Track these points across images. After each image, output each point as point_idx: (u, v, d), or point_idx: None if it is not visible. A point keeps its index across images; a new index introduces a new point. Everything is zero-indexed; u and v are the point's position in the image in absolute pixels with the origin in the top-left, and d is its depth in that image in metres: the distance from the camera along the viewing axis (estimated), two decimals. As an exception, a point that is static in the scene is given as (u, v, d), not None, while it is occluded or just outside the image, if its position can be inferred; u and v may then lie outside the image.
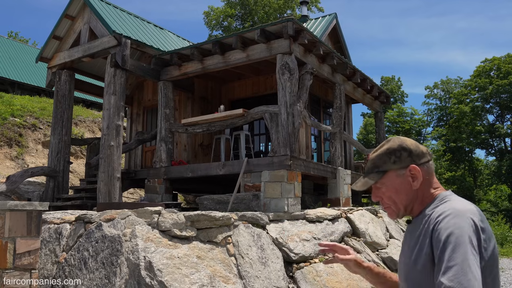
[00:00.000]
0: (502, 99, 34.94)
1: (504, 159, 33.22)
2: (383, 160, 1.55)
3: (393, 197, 1.54)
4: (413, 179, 1.52)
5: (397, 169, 1.53)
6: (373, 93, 11.45)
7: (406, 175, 1.52)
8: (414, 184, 1.51)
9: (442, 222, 1.34)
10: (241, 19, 36.38)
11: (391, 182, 1.53)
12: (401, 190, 1.53)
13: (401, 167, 1.53)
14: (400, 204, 1.54)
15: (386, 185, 1.54)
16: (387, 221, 9.46)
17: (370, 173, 1.56)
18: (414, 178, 1.52)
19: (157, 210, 5.13)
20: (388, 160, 1.54)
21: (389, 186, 1.54)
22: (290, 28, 7.31)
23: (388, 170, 1.53)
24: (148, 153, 10.58)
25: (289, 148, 7.25)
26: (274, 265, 5.98)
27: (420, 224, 1.47)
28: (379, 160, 1.56)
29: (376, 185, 1.56)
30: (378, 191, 1.57)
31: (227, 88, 11.17)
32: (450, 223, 1.32)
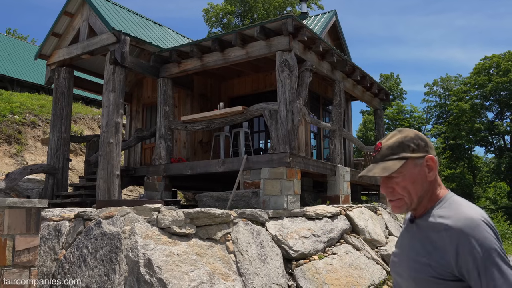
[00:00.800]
0: (502, 96, 34.95)
1: (503, 157, 33.25)
2: (401, 147, 1.50)
3: (409, 187, 1.48)
4: (429, 170, 1.49)
5: (415, 158, 1.49)
6: (372, 90, 11.44)
7: (423, 165, 1.49)
8: (430, 175, 1.49)
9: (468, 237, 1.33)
10: (241, 16, 36.31)
11: (409, 171, 1.48)
12: (417, 180, 1.48)
13: (419, 157, 1.49)
14: (414, 195, 1.48)
15: (403, 174, 1.48)
16: (387, 219, 9.47)
17: (389, 159, 1.49)
18: (430, 169, 1.49)
19: (156, 207, 5.13)
20: (407, 148, 1.49)
21: (406, 175, 1.48)
22: (290, 25, 7.29)
23: (408, 158, 1.48)
24: (148, 150, 10.57)
25: (288, 145, 7.25)
26: (274, 262, 5.98)
27: (428, 225, 1.45)
28: (397, 147, 1.50)
29: (392, 174, 1.48)
30: (391, 181, 1.50)
31: (227, 85, 11.15)
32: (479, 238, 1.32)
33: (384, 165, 1.49)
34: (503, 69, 34.35)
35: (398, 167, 1.47)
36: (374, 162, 1.54)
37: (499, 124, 34.13)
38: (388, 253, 7.98)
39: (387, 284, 7.16)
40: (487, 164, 40.06)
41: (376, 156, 1.53)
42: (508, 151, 33.72)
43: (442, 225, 1.39)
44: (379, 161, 1.51)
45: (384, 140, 1.55)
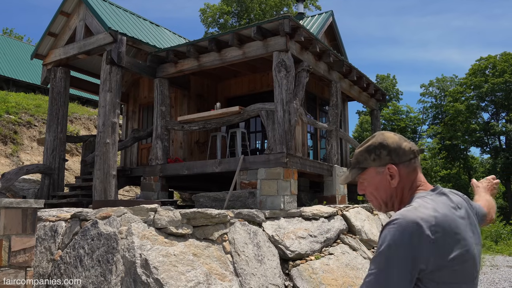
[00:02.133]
0: (497, 97, 35.08)
1: (499, 157, 33.36)
2: (364, 156, 1.57)
3: (374, 193, 1.57)
4: (391, 178, 1.52)
5: (377, 166, 1.54)
6: (369, 91, 11.46)
7: (385, 173, 1.53)
8: (392, 182, 1.52)
9: (383, 230, 1.34)
10: (237, 16, 36.29)
11: (371, 178, 1.56)
12: (380, 186, 1.54)
13: (380, 165, 1.53)
14: (380, 200, 1.56)
15: (367, 180, 1.57)
16: (383, 219, 9.49)
17: (353, 168, 1.60)
18: (392, 177, 1.52)
19: (153, 207, 5.12)
20: (368, 157, 1.55)
21: (370, 182, 1.56)
22: (287, 26, 7.30)
23: (368, 167, 1.55)
24: (144, 150, 10.55)
25: (285, 145, 7.25)
26: (270, 262, 5.98)
27: None
28: (360, 156, 1.58)
29: (359, 180, 1.59)
30: (362, 185, 1.60)
31: (223, 86, 11.15)
32: (386, 232, 1.31)
33: (347, 174, 1.62)
34: (499, 70, 34.48)
35: (356, 176, 1.58)
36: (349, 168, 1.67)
37: (494, 125, 34.26)
38: (385, 253, 7.98)
39: (383, 284, 7.17)
40: (483, 164, 40.21)
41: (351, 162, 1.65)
42: (503, 152, 33.85)
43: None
44: (349, 168, 1.65)
45: (359, 146, 1.63)
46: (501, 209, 33.16)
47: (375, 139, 1.57)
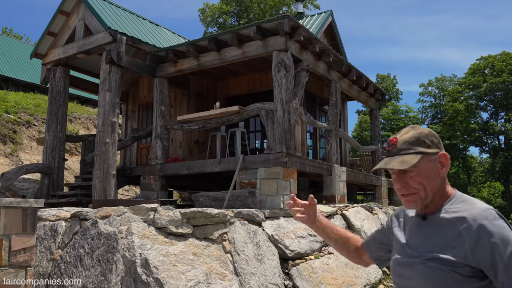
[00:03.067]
0: (496, 96, 35.13)
1: (498, 157, 33.42)
2: (418, 142, 1.51)
3: (424, 183, 1.49)
4: (442, 166, 1.52)
5: (430, 154, 1.51)
6: (368, 91, 11.47)
7: (437, 161, 1.51)
8: (443, 171, 1.52)
9: (487, 228, 1.36)
10: (237, 16, 36.27)
11: (424, 166, 1.49)
12: (432, 175, 1.50)
13: (433, 152, 1.51)
14: (429, 191, 1.49)
15: (419, 169, 1.49)
16: (382, 218, 9.50)
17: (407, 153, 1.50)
18: (442, 165, 1.52)
19: (153, 207, 5.12)
20: (423, 144, 1.51)
21: (422, 170, 1.49)
22: (286, 25, 7.30)
23: (424, 153, 1.50)
24: (144, 150, 10.55)
25: (285, 145, 7.26)
26: (270, 262, 5.99)
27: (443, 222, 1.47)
28: (414, 142, 1.51)
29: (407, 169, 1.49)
30: (405, 175, 1.50)
31: (223, 85, 11.15)
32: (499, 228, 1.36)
33: (401, 159, 1.49)
34: (497, 70, 34.53)
35: (416, 161, 1.47)
36: (389, 155, 1.54)
37: (493, 124, 34.31)
38: (384, 253, 8.00)
39: (383, 283, 7.19)
40: (482, 164, 40.28)
41: (392, 150, 1.53)
42: (502, 151, 33.90)
43: (459, 219, 1.42)
44: (395, 154, 1.52)
45: (399, 135, 1.56)
46: (500, 209, 33.20)
47: (421, 128, 1.55)
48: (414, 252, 1.52)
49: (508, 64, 34.24)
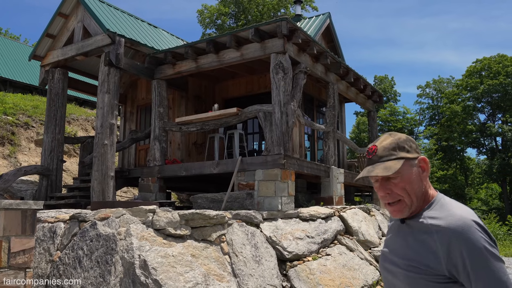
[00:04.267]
0: (493, 98, 35.27)
1: (495, 158, 33.53)
2: (398, 148, 1.52)
3: (408, 188, 1.50)
4: (423, 170, 1.54)
5: (411, 158, 1.52)
6: (366, 93, 11.52)
7: (417, 166, 1.53)
8: (424, 175, 1.54)
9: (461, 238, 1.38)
10: (235, 17, 36.32)
11: (407, 172, 1.50)
12: (414, 180, 1.51)
13: (413, 157, 1.53)
14: (413, 196, 1.50)
15: (402, 174, 1.50)
16: (380, 220, 9.54)
17: (388, 159, 1.51)
18: (423, 170, 1.54)
19: (151, 209, 5.15)
20: (403, 149, 1.52)
21: (404, 175, 1.50)
22: (284, 28, 7.34)
23: (405, 158, 1.51)
24: (142, 151, 10.57)
25: (283, 147, 7.29)
26: (268, 263, 6.02)
27: (419, 228, 1.50)
28: (394, 148, 1.52)
29: (390, 175, 1.50)
30: (388, 182, 1.52)
31: (221, 87, 11.18)
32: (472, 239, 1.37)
33: (384, 165, 1.50)
34: (494, 72, 34.68)
35: (399, 167, 1.48)
36: (370, 163, 1.55)
37: (491, 126, 34.42)
38: (381, 254, 8.04)
39: (380, 285, 7.22)
40: (479, 165, 40.38)
41: (373, 158, 1.54)
42: (499, 153, 34.01)
43: (433, 227, 1.44)
44: (377, 162, 1.53)
45: (378, 142, 1.56)
46: (497, 210, 33.30)
47: (399, 135, 1.57)
48: (395, 257, 1.56)
49: (504, 66, 34.39)
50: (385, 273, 1.63)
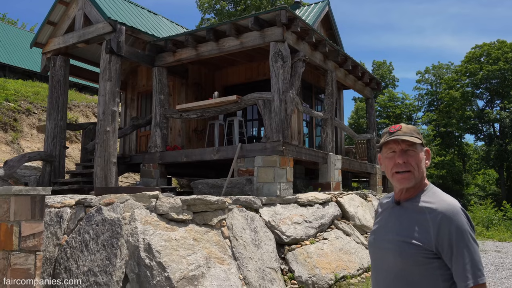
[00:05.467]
0: (492, 84, 35.35)
1: (492, 144, 33.75)
2: (416, 132, 1.84)
3: (418, 164, 1.79)
4: (426, 158, 1.85)
5: (422, 144, 1.83)
6: (364, 80, 11.65)
7: (424, 152, 1.84)
8: (426, 162, 1.84)
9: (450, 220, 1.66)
10: (234, 2, 36.11)
11: (419, 151, 1.81)
12: (421, 161, 1.81)
13: (424, 143, 1.85)
14: (419, 173, 1.79)
15: (417, 152, 1.80)
16: (376, 205, 9.75)
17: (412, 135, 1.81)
18: (427, 158, 1.85)
19: (155, 194, 5.33)
20: (419, 134, 1.84)
21: (418, 152, 1.80)
22: (284, 16, 7.44)
23: (421, 140, 1.83)
24: (143, 138, 10.73)
25: (281, 134, 7.45)
26: (267, 247, 6.23)
27: (415, 209, 1.77)
28: (414, 130, 1.84)
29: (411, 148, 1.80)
30: (406, 154, 1.80)
31: (221, 74, 11.30)
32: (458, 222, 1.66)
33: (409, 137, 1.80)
34: (493, 58, 34.68)
35: (418, 143, 1.80)
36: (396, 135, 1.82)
37: (489, 112, 34.58)
38: (377, 238, 8.27)
39: (375, 267, 7.46)
40: (477, 151, 40.64)
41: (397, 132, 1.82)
42: (497, 139, 34.22)
43: (427, 209, 1.72)
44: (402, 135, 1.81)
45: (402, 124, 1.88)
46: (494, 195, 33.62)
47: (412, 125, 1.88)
48: (388, 235, 1.81)
49: (504, 52, 34.39)
50: (375, 250, 1.88)
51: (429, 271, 1.68)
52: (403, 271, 1.72)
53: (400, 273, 1.73)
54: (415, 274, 1.70)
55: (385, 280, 1.80)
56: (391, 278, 1.76)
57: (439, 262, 1.68)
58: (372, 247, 1.92)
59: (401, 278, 1.73)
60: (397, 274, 1.74)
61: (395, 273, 1.75)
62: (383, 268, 1.82)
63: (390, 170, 1.83)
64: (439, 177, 33.68)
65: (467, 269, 1.61)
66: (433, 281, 1.68)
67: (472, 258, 1.63)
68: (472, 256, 1.63)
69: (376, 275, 1.88)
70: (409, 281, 1.71)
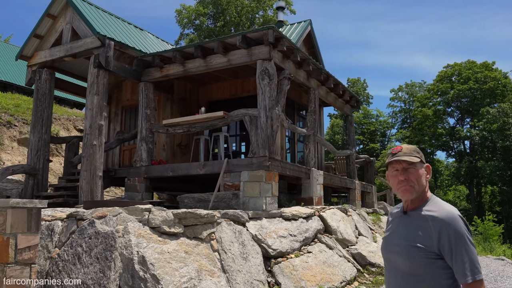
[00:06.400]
0: (463, 103, 36.64)
1: (463, 161, 34.79)
2: (416, 151, 2.11)
3: (418, 180, 2.06)
4: (427, 173, 2.12)
5: (422, 161, 2.11)
6: (344, 98, 12.00)
7: (424, 169, 2.10)
8: (427, 177, 2.11)
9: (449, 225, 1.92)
10: (213, 18, 36.53)
11: (419, 168, 2.08)
12: (421, 177, 2.08)
13: (423, 161, 2.12)
14: (419, 187, 2.06)
15: (417, 169, 2.07)
16: (356, 220, 10.01)
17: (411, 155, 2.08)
18: (427, 173, 2.12)
19: (147, 208, 5.42)
20: (418, 153, 2.12)
21: (416, 171, 2.07)
22: (271, 36, 7.70)
23: (420, 159, 2.09)
24: (126, 152, 10.75)
25: (267, 149, 7.65)
26: (254, 260, 6.37)
27: (419, 217, 2.05)
28: (414, 150, 2.11)
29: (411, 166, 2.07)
30: (407, 172, 2.07)
31: (205, 90, 11.46)
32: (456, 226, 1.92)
33: (409, 157, 2.08)
34: (464, 77, 36.04)
35: (417, 161, 2.07)
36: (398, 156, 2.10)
37: (460, 130, 35.74)
38: (358, 252, 8.51)
39: (357, 280, 7.67)
40: (448, 168, 41.78)
41: (398, 153, 2.11)
42: (467, 156, 35.32)
43: (430, 217, 1.99)
44: (403, 155, 2.09)
45: (402, 145, 2.17)
46: (465, 211, 34.58)
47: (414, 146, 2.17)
48: (398, 240, 2.09)
49: (474, 72, 35.77)
50: (387, 253, 2.15)
51: (433, 270, 1.94)
52: (411, 271, 1.98)
53: (408, 272, 2.00)
54: (421, 273, 1.95)
55: (396, 278, 2.07)
56: (401, 277, 2.04)
57: (441, 262, 1.93)
58: (384, 251, 2.18)
59: (409, 276, 1.99)
60: (405, 273, 2.01)
61: (404, 273, 2.02)
62: (394, 268, 2.08)
63: (396, 185, 2.11)
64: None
65: (466, 267, 1.86)
66: (437, 279, 1.94)
67: (470, 258, 1.87)
68: (470, 256, 1.88)
69: (388, 275, 2.15)
70: (416, 279, 1.97)
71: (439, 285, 1.94)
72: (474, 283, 1.86)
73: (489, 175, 31.13)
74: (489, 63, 36.79)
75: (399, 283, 2.05)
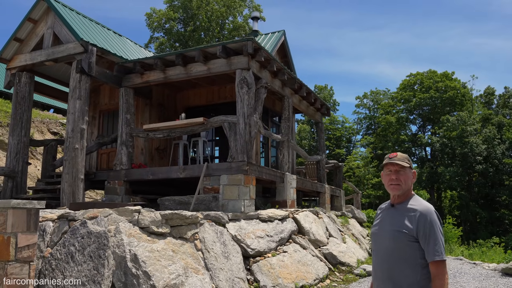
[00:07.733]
0: (424, 111, 38.23)
1: (424, 167, 36.26)
2: (407, 159, 2.67)
3: (406, 181, 2.62)
4: (413, 177, 2.68)
5: (411, 167, 2.66)
6: (316, 105, 12.58)
7: (411, 173, 2.66)
8: (413, 180, 2.67)
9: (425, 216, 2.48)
10: (183, 22, 36.70)
11: (408, 172, 2.64)
12: (409, 179, 2.64)
13: (412, 167, 2.68)
14: (405, 186, 2.62)
15: (406, 172, 2.62)
16: (327, 222, 10.55)
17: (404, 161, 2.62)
18: (413, 177, 2.68)
19: (137, 209, 5.73)
20: (409, 160, 2.68)
21: (407, 173, 2.63)
22: (250, 47, 8.14)
23: (410, 164, 2.65)
24: (104, 155, 10.91)
25: (246, 154, 8.06)
26: (235, 258, 6.76)
27: (404, 209, 2.61)
28: (406, 157, 2.66)
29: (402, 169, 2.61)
30: (399, 173, 2.61)
31: (182, 96, 11.77)
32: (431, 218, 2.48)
33: (402, 162, 2.63)
34: (425, 86, 37.65)
35: (407, 167, 2.63)
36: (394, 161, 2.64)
37: (421, 137, 37.25)
38: (330, 252, 9.03)
39: (329, 278, 8.17)
40: (410, 173, 43.19)
41: (394, 159, 2.65)
42: (428, 162, 36.85)
43: (411, 209, 2.57)
44: (398, 160, 2.63)
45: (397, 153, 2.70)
46: (425, 215, 35.85)
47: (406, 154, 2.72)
48: (386, 226, 2.64)
49: (435, 82, 37.42)
50: (377, 237, 2.69)
51: (412, 249, 2.48)
52: (395, 250, 2.52)
53: (393, 252, 2.53)
54: (403, 252, 2.49)
55: (383, 257, 2.60)
56: (388, 255, 2.57)
57: (418, 245, 2.47)
58: (374, 235, 2.73)
59: (393, 255, 2.53)
60: (391, 252, 2.54)
61: (390, 252, 2.55)
62: (381, 248, 2.62)
63: (387, 183, 2.67)
64: (376, 197, 35.61)
65: (434, 249, 2.42)
66: (414, 257, 2.47)
67: (438, 243, 2.43)
68: (438, 242, 2.43)
69: (376, 254, 2.69)
70: (399, 256, 2.50)
71: (415, 262, 2.47)
72: (438, 261, 2.40)
73: (449, 181, 32.60)
74: (449, 73, 38.58)
75: (384, 259, 2.58)
